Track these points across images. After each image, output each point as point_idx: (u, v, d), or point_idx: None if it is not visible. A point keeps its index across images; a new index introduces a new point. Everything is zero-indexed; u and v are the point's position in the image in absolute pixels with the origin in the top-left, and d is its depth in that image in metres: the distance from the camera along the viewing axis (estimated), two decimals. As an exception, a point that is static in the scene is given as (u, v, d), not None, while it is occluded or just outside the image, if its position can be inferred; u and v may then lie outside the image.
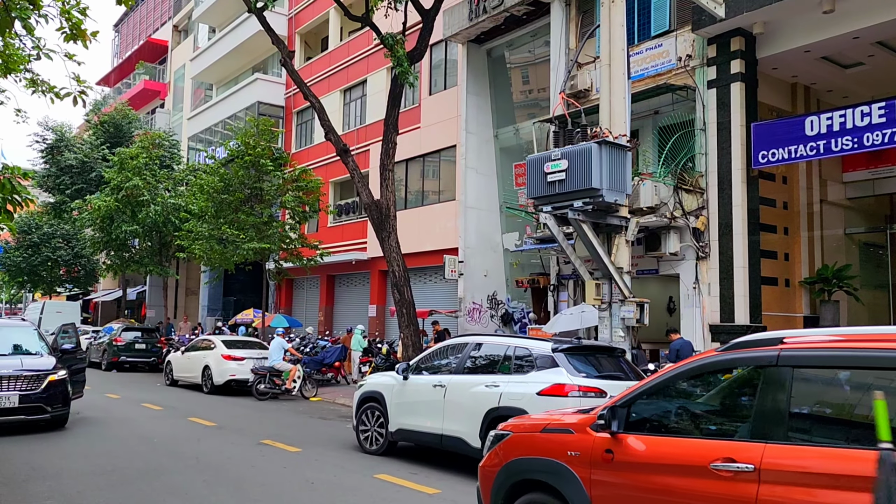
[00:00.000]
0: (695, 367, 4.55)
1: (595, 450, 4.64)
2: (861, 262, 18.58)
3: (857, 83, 16.78)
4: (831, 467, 3.65)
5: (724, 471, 3.97)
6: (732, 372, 4.44)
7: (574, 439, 4.83)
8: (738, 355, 4.38)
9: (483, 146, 21.79)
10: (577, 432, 4.84)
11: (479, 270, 21.01)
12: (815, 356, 4.04)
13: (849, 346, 3.98)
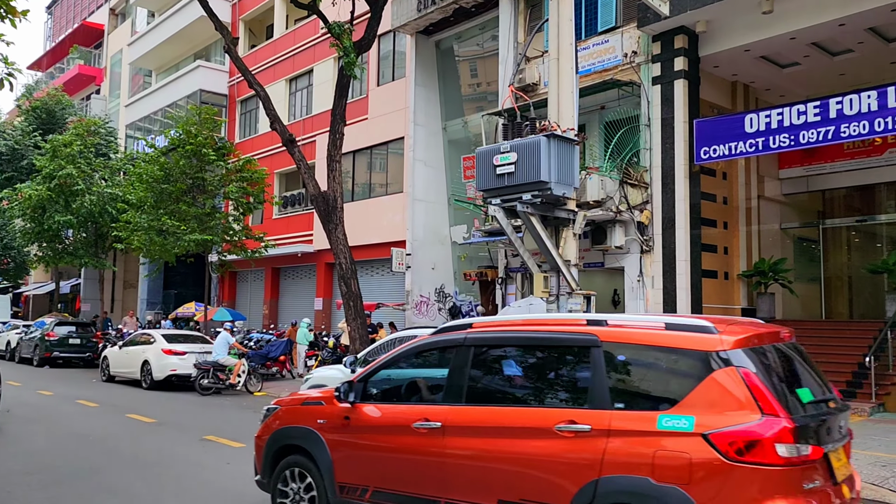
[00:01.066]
0: (411, 348, 5.57)
1: (336, 417, 5.60)
2: (795, 256, 19.25)
3: (794, 83, 17.33)
4: (496, 422, 4.73)
5: (423, 428, 5.03)
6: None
7: (323, 409, 5.77)
8: (440, 338, 5.42)
9: (431, 138, 21.72)
10: (327, 404, 5.76)
11: (426, 263, 20.96)
12: (486, 338, 5.16)
13: (506, 329, 5.17)
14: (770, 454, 3.79)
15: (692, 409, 4.03)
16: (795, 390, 4.27)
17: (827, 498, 4.05)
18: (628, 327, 4.54)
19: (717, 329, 4.23)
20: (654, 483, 3.96)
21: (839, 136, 13.34)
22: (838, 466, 4.23)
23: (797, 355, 4.63)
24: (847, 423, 4.62)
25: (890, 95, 12.63)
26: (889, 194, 18.91)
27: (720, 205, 17.14)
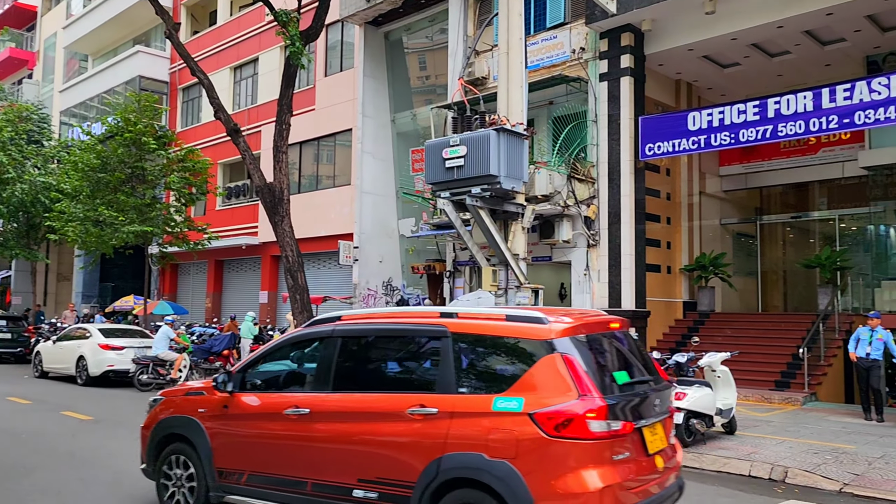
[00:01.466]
0: (286, 340, 5.97)
1: (216, 406, 5.90)
2: (734, 251, 19.85)
3: (735, 82, 17.82)
4: (358, 408, 5.10)
5: (293, 415, 5.34)
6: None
7: (203, 399, 6.06)
8: (311, 330, 5.74)
9: (380, 131, 21.55)
10: (207, 394, 6.04)
11: (374, 256, 20.82)
12: (351, 330, 5.51)
13: (369, 321, 5.52)
14: (583, 429, 4.26)
15: (522, 392, 4.48)
16: (613, 373, 4.78)
17: (637, 467, 4.56)
18: (474, 319, 4.96)
19: (548, 320, 4.69)
20: (486, 458, 4.40)
21: (776, 135, 13.78)
22: (652, 440, 4.75)
23: (623, 342, 5.18)
24: (667, 402, 5.16)
25: (824, 97, 13.10)
26: (822, 192, 19.66)
27: (664, 200, 17.52)
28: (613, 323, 5.11)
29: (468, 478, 4.48)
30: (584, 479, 4.22)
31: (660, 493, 4.73)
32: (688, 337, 15.17)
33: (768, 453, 8.92)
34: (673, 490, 4.96)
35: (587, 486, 4.21)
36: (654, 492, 4.67)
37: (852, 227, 19.04)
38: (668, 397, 5.22)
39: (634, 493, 4.47)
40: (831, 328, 15.18)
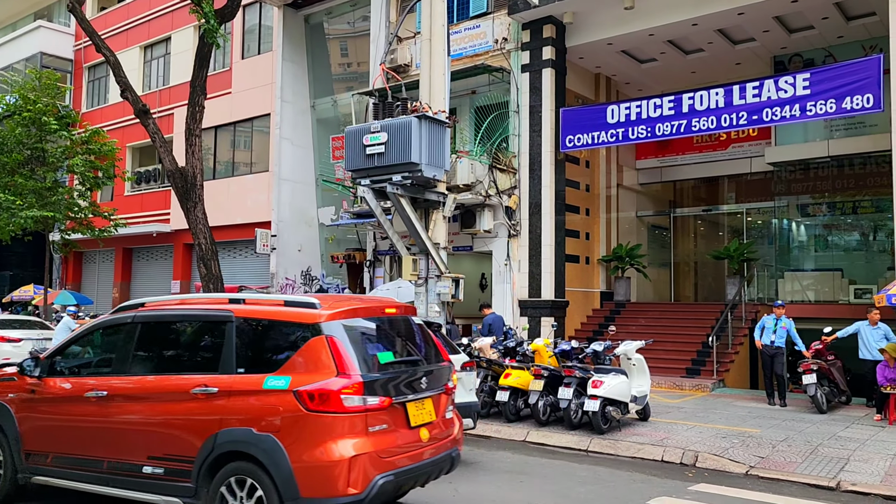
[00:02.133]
0: (92, 326, 6.20)
1: (24, 391, 6.12)
2: (649, 243, 20.41)
3: (651, 78, 18.26)
4: (151, 389, 5.39)
5: (93, 397, 5.61)
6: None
7: (13, 384, 6.25)
8: (115, 316, 6.00)
9: (299, 116, 21.01)
10: (18, 379, 6.21)
11: (292, 245, 20.33)
12: (149, 316, 5.79)
13: (166, 307, 5.81)
14: (338, 405, 4.70)
15: (290, 371, 4.89)
16: (377, 354, 5.20)
17: (397, 438, 5.03)
18: (258, 305, 5.36)
19: (320, 305, 5.09)
20: (255, 433, 4.81)
21: (690, 130, 14.18)
22: (416, 414, 5.24)
23: (401, 326, 5.70)
24: (443, 380, 5.70)
25: (735, 93, 13.55)
26: (731, 187, 20.44)
27: (583, 192, 17.79)
28: (389, 308, 5.63)
29: (239, 451, 4.87)
30: (338, 449, 4.66)
31: (422, 462, 5.21)
32: (605, 326, 15.48)
33: (680, 438, 9.17)
34: (441, 461, 5.44)
35: (339, 455, 4.65)
36: (416, 461, 5.13)
37: (758, 221, 19.89)
38: (443, 375, 5.74)
39: (390, 461, 4.91)
40: (738, 317, 15.81)
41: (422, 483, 5.44)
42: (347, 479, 4.65)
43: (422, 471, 5.23)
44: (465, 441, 9.22)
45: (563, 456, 8.76)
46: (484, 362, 10.93)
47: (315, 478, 4.66)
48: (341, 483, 4.64)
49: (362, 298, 5.89)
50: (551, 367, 10.18)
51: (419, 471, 5.19)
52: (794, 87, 12.93)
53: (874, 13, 14.56)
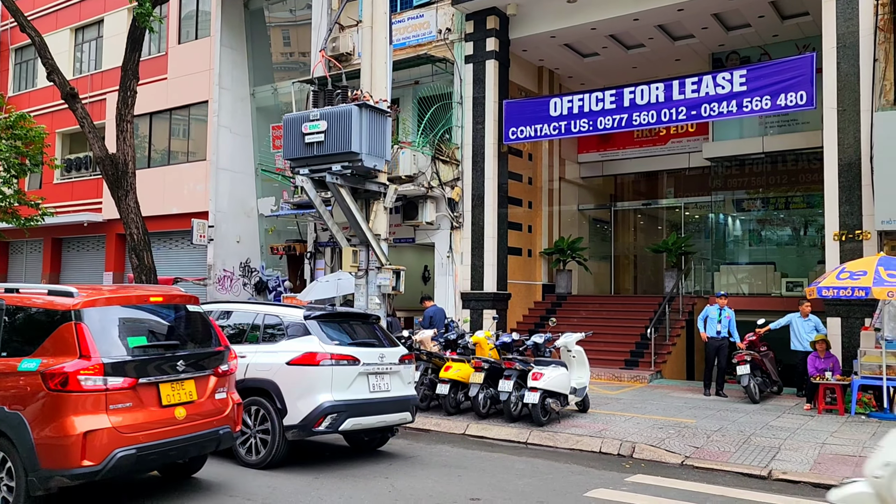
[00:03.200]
0: None
1: None
2: (590, 236, 20.62)
3: (593, 72, 18.40)
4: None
5: None
6: None
7: None
8: None
9: (238, 104, 20.45)
10: None
11: (230, 236, 19.80)
12: None
13: None
14: (75, 384, 5.18)
15: (42, 354, 5.38)
16: (128, 338, 5.64)
17: (141, 415, 5.47)
18: (27, 293, 5.87)
19: (77, 293, 5.56)
20: (6, 410, 5.30)
21: (631, 124, 14.32)
22: (170, 394, 5.72)
23: (161, 312, 6.15)
24: (214, 364, 6.14)
25: (675, 88, 13.74)
26: (670, 181, 20.82)
27: (526, 185, 17.83)
28: (155, 297, 6.10)
29: None
30: (74, 425, 5.13)
31: (175, 438, 5.68)
32: (546, 318, 15.55)
33: (618, 430, 9.23)
34: (202, 438, 5.91)
35: (75, 431, 5.12)
36: (166, 437, 5.60)
37: (696, 215, 20.31)
38: (213, 359, 6.19)
39: (133, 436, 5.36)
40: (676, 310, 16.10)
41: (184, 459, 6.11)
42: (83, 452, 5.11)
43: (174, 446, 5.69)
44: (403, 435, 9.12)
45: (503, 449, 8.71)
46: (424, 355, 10.81)
47: (53, 451, 5.13)
48: (76, 456, 5.10)
49: (127, 287, 6.46)
50: (492, 360, 10.13)
51: (171, 446, 5.65)
52: (732, 83, 13.18)
53: (807, 13, 14.97)
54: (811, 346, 11.33)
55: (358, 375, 7.46)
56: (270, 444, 7.18)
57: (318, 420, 7.09)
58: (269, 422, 7.22)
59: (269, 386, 7.29)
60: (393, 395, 7.81)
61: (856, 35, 11.68)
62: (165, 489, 6.42)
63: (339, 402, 7.19)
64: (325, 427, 7.13)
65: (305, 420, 7.08)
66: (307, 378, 7.20)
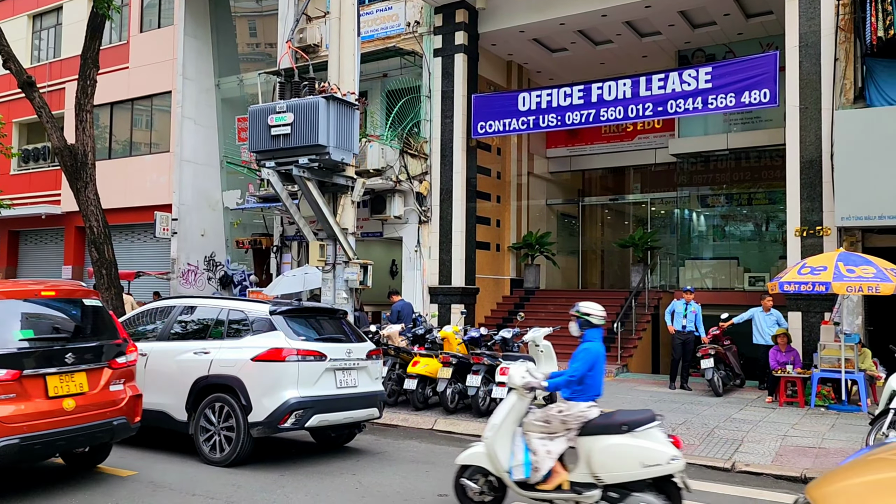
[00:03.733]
0: None
1: None
2: (558, 231, 20.72)
3: (562, 67, 18.45)
4: None
5: None
6: None
7: None
8: None
9: (202, 95, 20.09)
10: None
11: (195, 229, 19.48)
12: None
13: None
14: None
15: None
16: (13, 332, 5.78)
17: (26, 406, 5.59)
18: None
19: None
20: None
21: (599, 120, 14.39)
22: (56, 385, 5.84)
23: (54, 306, 6.26)
24: (109, 356, 6.30)
25: (641, 84, 13.83)
26: (636, 177, 21.00)
27: (494, 179, 17.83)
28: (47, 292, 6.23)
29: None
30: None
31: (63, 429, 5.80)
32: (514, 313, 15.58)
33: (585, 423, 9.27)
34: (94, 429, 6.04)
35: None
36: (53, 427, 5.72)
37: (662, 211, 20.53)
38: (108, 351, 6.32)
39: (17, 426, 5.48)
40: (642, 304, 16.26)
41: (74, 449, 6.34)
42: None
43: (62, 437, 5.82)
44: (370, 431, 9.05)
45: (471, 443, 8.68)
46: (392, 350, 10.75)
47: None
48: None
49: (21, 282, 6.63)
50: (460, 355, 10.10)
51: (58, 436, 5.78)
52: (697, 80, 13.31)
53: (771, 12, 15.18)
54: (773, 340, 11.53)
55: (325, 371, 7.37)
56: (235, 442, 7.06)
57: (284, 417, 6.99)
58: (234, 419, 7.10)
59: (234, 382, 7.17)
60: (360, 391, 7.74)
61: (817, 34, 11.88)
62: (132, 488, 6.27)
63: (305, 399, 7.10)
64: (291, 424, 7.04)
65: (271, 417, 6.98)
66: (273, 374, 7.09)
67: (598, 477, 5.14)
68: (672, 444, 5.20)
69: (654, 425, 5.23)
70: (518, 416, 5.51)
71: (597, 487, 5.15)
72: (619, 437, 5.18)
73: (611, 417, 5.37)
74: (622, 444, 5.15)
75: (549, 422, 5.38)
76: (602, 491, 5.15)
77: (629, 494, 5.12)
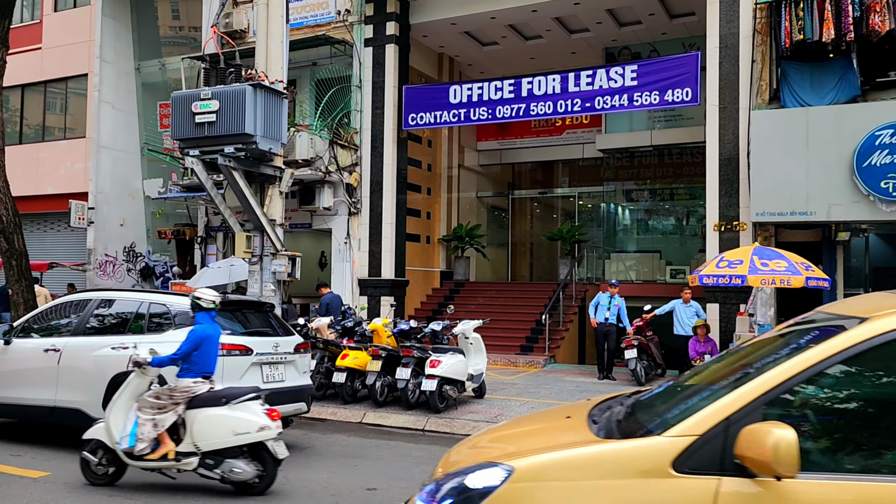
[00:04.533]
0: None
1: None
2: (488, 223, 20.89)
3: (493, 61, 18.58)
4: None
5: None
6: None
7: None
8: None
9: (122, 79, 19.28)
10: None
11: (114, 219, 18.71)
12: None
13: None
14: None
15: None
16: None
17: None
18: None
19: None
20: None
21: (529, 114, 14.55)
22: None
23: None
24: None
25: (570, 80, 14.06)
26: (565, 171, 21.39)
27: (425, 171, 17.82)
28: None
29: None
30: None
31: None
32: (444, 305, 15.61)
33: (513, 414, 9.40)
34: None
35: None
36: None
37: (589, 205, 20.99)
38: None
39: None
40: (569, 296, 16.58)
41: None
42: None
43: None
44: (298, 425, 8.92)
45: (400, 436, 8.69)
46: (320, 343, 10.62)
47: None
48: None
49: None
50: (389, 348, 10.07)
51: None
52: (624, 77, 13.62)
53: (693, 13, 15.67)
54: (692, 331, 11.95)
55: (251, 366, 7.22)
56: (156, 440, 6.82)
57: (208, 413, 6.80)
58: (155, 416, 6.85)
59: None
60: (287, 385, 7.62)
61: (736, 37, 12.33)
62: (44, 489, 5.97)
63: (230, 394, 6.92)
64: (215, 420, 6.85)
65: (194, 413, 6.77)
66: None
67: (197, 445, 5.75)
68: (266, 416, 5.86)
69: (250, 397, 5.90)
70: (134, 392, 6.02)
71: (196, 455, 5.74)
72: (217, 409, 5.82)
73: (217, 392, 5.99)
74: (218, 415, 5.78)
75: (160, 397, 5.90)
76: (200, 458, 5.75)
77: (223, 461, 5.73)
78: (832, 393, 2.52)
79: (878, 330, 2.43)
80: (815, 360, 2.44)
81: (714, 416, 2.45)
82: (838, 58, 11.32)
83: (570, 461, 2.60)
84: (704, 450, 2.40)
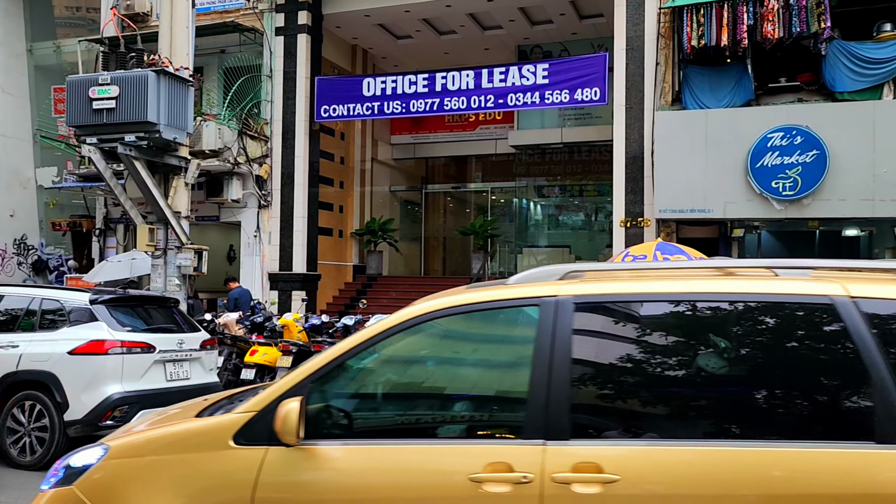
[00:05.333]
0: None
1: None
2: (401, 217, 20.86)
3: (407, 55, 18.52)
4: None
5: None
6: None
7: None
8: None
9: (12, 61, 18.07)
10: None
11: (3, 209, 17.54)
12: None
13: None
14: None
15: None
16: None
17: None
18: None
19: None
20: None
21: (443, 109, 14.62)
22: None
23: None
24: None
25: (483, 77, 14.20)
26: (478, 166, 21.59)
27: (338, 164, 17.59)
28: None
29: None
30: None
31: None
32: (356, 300, 15.51)
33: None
34: None
35: None
36: None
37: (501, 200, 21.27)
38: None
39: None
40: (481, 290, 16.75)
41: None
42: None
43: None
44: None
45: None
46: (228, 339, 10.34)
47: None
48: None
49: None
50: (301, 343, 9.90)
51: None
52: (535, 75, 13.88)
53: (602, 15, 16.11)
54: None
55: (153, 363, 6.95)
56: (49, 443, 6.49)
57: (106, 413, 6.52)
58: (47, 418, 6.51)
59: (48, 378, 6.57)
60: (193, 383, 7.37)
61: (642, 39, 12.76)
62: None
63: (130, 394, 6.66)
64: (113, 421, 6.56)
65: (91, 414, 6.48)
66: (93, 368, 6.58)
67: None
68: None
69: None
70: None
71: None
72: None
73: None
74: None
75: None
76: None
77: None
78: (363, 373, 2.94)
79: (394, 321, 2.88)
80: (352, 344, 2.83)
81: (272, 393, 2.77)
82: (735, 63, 11.90)
83: (158, 438, 2.96)
84: (259, 424, 2.71)
